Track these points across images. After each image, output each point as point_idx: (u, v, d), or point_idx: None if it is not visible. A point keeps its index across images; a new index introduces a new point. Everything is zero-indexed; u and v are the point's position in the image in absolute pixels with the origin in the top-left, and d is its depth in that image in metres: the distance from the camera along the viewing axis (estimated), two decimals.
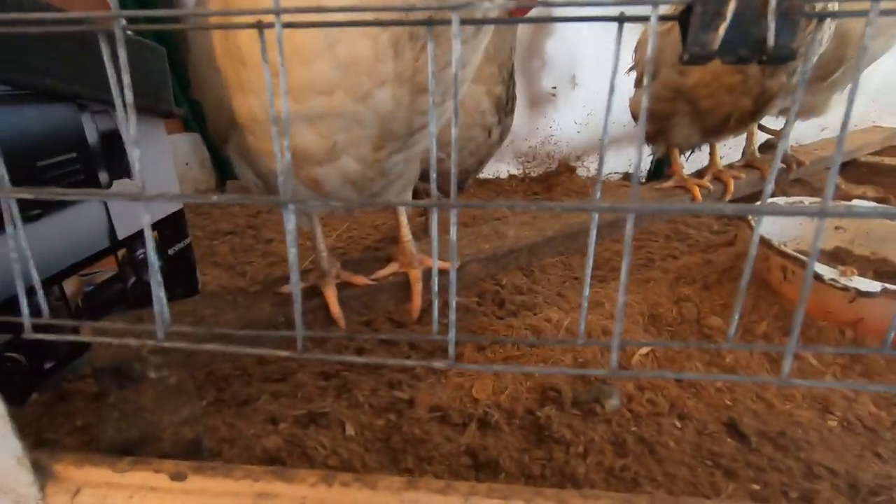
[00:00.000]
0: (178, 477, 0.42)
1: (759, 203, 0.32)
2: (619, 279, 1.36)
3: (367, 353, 1.01)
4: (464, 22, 0.26)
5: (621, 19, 0.26)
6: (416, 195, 1.33)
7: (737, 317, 0.35)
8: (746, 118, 1.01)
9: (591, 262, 0.33)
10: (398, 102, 0.49)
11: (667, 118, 1.11)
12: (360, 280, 0.67)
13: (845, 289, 0.93)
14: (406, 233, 0.78)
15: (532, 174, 2.16)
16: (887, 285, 0.92)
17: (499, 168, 2.17)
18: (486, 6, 0.26)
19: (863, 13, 0.25)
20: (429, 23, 0.27)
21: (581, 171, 2.15)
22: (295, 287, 0.33)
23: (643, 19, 0.26)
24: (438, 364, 0.32)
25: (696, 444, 0.79)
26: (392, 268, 0.78)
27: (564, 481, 0.74)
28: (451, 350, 0.31)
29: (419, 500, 0.40)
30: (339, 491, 0.41)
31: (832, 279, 0.93)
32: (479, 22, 0.27)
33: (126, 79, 0.30)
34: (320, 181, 0.57)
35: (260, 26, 0.29)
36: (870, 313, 0.95)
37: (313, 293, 0.67)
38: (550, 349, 0.96)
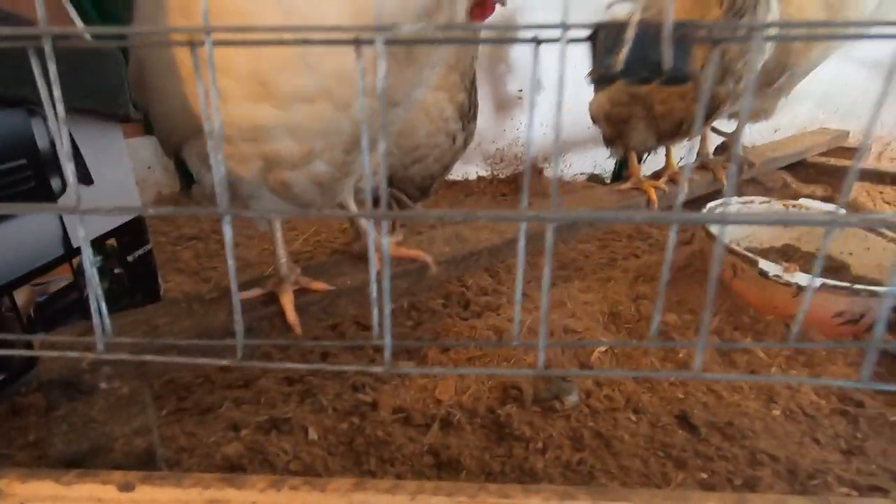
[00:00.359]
0: (126, 487, 0.42)
1: (673, 210, 0.34)
2: (583, 279, 1.40)
3: (332, 357, 1.02)
4: (388, 42, 0.28)
5: (536, 41, 0.28)
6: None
7: (658, 317, 0.37)
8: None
9: (521, 269, 0.34)
10: (373, 112, 0.53)
11: (624, 122, 1.15)
12: (319, 286, 0.68)
13: (788, 284, 0.98)
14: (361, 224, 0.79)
15: (500, 176, 2.19)
16: (826, 280, 0.97)
17: (468, 170, 2.19)
18: (408, 29, 0.27)
19: (746, 39, 0.27)
20: (356, 42, 0.29)
21: (548, 173, 2.19)
22: (235, 296, 0.33)
23: (555, 41, 0.27)
24: (375, 369, 0.33)
25: (650, 437, 0.83)
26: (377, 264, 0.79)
27: (524, 477, 0.76)
28: (388, 355, 0.33)
29: (368, 500, 0.41)
30: (288, 495, 0.41)
31: (776, 275, 0.98)
32: (405, 42, 0.28)
33: (57, 93, 0.30)
34: (289, 184, 0.59)
35: (192, 44, 0.29)
36: (812, 307, 1.01)
37: (272, 300, 0.67)
38: (513, 348, 0.98)
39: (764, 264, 1.00)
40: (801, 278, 0.97)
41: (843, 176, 1.82)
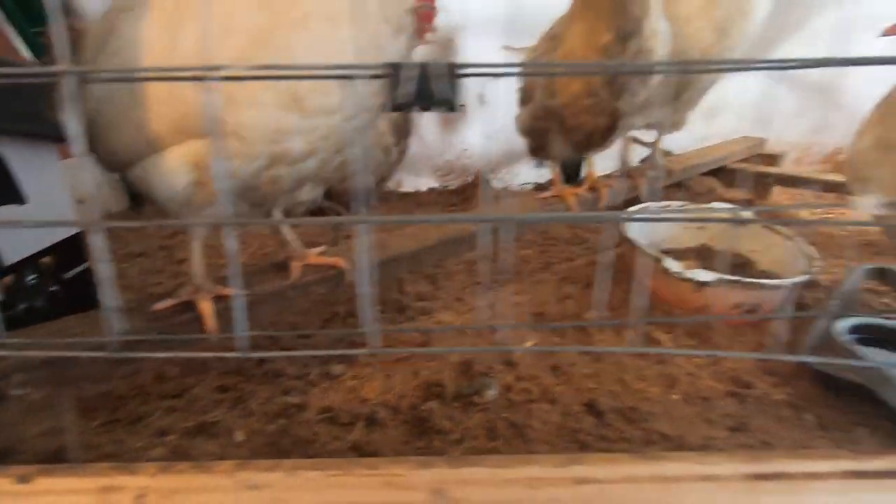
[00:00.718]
0: (23, 479, 0.46)
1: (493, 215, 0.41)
2: (518, 283, 1.47)
3: (270, 362, 1.05)
4: (222, 78, 0.33)
5: (348, 77, 0.35)
6: (321, 213, 1.39)
7: (485, 304, 0.43)
8: (607, 133, 1.15)
9: (366, 277, 0.40)
10: (368, 123, 0.72)
11: (543, 135, 1.23)
12: (233, 291, 0.72)
13: (687, 280, 1.07)
14: (290, 237, 0.86)
15: (450, 187, 2.27)
16: (722, 275, 1.07)
17: (419, 182, 2.26)
18: (233, 69, 0.33)
19: (519, 74, 0.34)
20: (198, 78, 0.34)
21: (496, 183, 2.28)
22: (111, 299, 0.38)
23: (364, 77, 0.34)
24: (232, 355, 0.38)
25: (560, 424, 0.90)
26: (296, 271, 0.86)
27: None
28: (242, 344, 0.38)
29: (250, 478, 0.46)
30: (177, 478, 0.46)
31: (677, 272, 1.07)
32: (235, 78, 0.34)
33: None
34: (279, 180, 0.72)
35: (56, 77, 0.34)
36: (713, 300, 1.11)
37: (188, 307, 0.71)
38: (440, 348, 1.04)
39: (668, 262, 1.10)
40: (699, 274, 1.06)
41: (762, 180, 1.97)
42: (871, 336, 0.85)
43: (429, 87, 0.32)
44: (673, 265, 1.08)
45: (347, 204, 1.43)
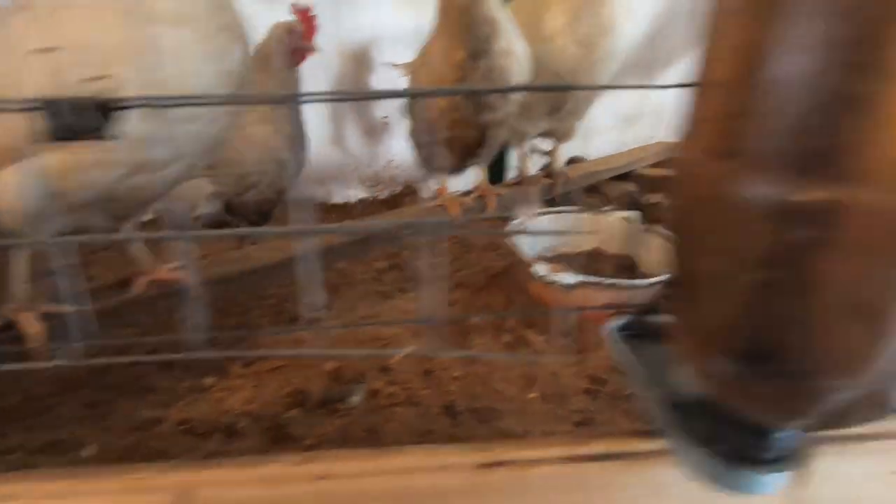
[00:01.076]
0: None
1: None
2: (418, 290, 1.49)
3: (146, 377, 1.07)
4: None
5: (35, 108, 0.37)
6: (225, 225, 1.41)
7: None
8: (479, 145, 1.20)
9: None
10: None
11: (426, 147, 1.28)
12: (63, 308, 0.74)
13: (553, 283, 1.12)
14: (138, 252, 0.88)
15: (380, 197, 2.31)
16: (585, 278, 1.12)
17: (348, 193, 2.29)
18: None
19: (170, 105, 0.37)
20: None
21: (424, 192, 2.32)
22: None
23: (14, 110, 0.37)
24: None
25: (415, 426, 0.93)
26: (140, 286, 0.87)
27: None
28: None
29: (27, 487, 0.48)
30: None
31: (542, 276, 1.12)
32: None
33: None
34: (140, 188, 0.73)
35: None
36: (584, 301, 1.16)
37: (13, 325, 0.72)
38: (313, 359, 1.07)
39: (536, 267, 1.15)
40: (562, 277, 1.12)
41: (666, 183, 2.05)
42: (641, 331, 0.90)
43: (76, 120, 0.35)
44: (540, 270, 1.13)
45: (247, 217, 1.45)
